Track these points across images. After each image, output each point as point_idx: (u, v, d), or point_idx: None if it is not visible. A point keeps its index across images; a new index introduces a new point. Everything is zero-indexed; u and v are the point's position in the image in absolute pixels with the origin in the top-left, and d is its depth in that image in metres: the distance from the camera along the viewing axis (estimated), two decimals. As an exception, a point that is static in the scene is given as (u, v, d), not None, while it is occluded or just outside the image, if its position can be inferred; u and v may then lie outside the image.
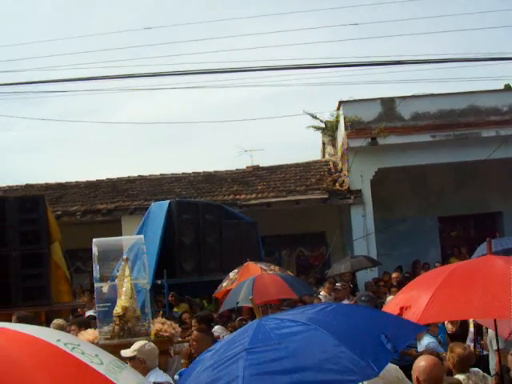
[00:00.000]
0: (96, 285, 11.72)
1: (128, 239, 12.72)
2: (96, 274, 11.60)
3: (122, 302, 10.65)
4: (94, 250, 11.77)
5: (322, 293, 16.40)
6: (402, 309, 6.17)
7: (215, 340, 10.61)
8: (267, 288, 12.47)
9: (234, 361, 4.13)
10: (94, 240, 11.98)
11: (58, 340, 3.51)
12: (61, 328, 11.55)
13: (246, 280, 12.90)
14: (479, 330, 10.95)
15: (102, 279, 11.71)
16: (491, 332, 9.28)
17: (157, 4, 53.79)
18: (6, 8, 54.06)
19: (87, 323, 12.34)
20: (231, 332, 12.42)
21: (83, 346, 3.59)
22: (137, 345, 8.44)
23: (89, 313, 15.50)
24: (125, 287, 10.90)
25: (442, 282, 6.03)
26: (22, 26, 55.85)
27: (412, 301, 6.12)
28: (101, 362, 3.45)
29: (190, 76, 18.99)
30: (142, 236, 13.06)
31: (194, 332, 10.08)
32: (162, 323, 10.48)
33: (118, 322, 10.23)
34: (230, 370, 4.10)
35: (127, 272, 11.00)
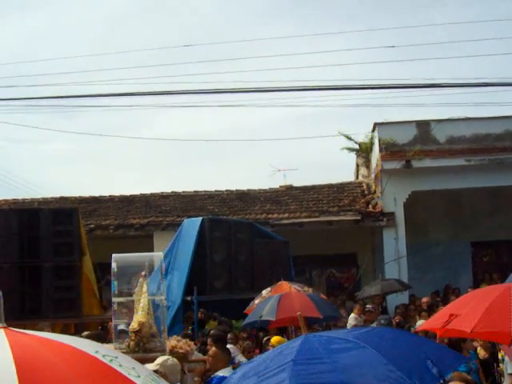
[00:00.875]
0: (114, 299, 11.81)
1: (147, 256, 12.76)
2: (114, 288, 11.69)
3: (138, 317, 10.71)
4: (114, 265, 11.84)
5: (353, 314, 16.31)
6: (451, 316, 6.20)
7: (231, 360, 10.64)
8: (293, 305, 12.39)
9: (281, 370, 4.10)
10: (114, 255, 12.07)
11: (97, 351, 3.55)
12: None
13: (271, 296, 12.90)
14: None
15: (121, 295, 11.81)
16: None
17: (197, 22, 54.15)
18: (49, 23, 54.75)
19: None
20: (242, 352, 12.44)
21: (120, 358, 3.63)
22: (160, 359, 8.46)
23: (120, 326, 15.51)
24: (142, 303, 10.96)
25: (495, 299, 6.09)
26: (66, 41, 56.53)
27: (462, 311, 6.15)
28: (138, 375, 3.48)
29: (228, 94, 19.04)
30: (161, 253, 13.09)
31: (212, 348, 10.08)
32: (178, 340, 10.49)
33: (133, 338, 10.27)
34: (276, 379, 4.07)
35: (144, 288, 11.07)
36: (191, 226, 16.67)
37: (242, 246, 17.60)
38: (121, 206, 25.18)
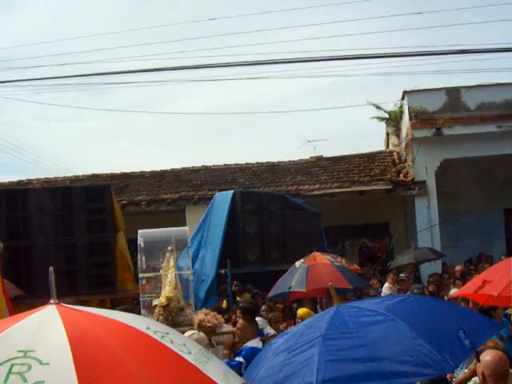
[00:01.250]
0: (141, 275, 11.92)
1: (174, 231, 12.81)
2: (141, 264, 11.80)
3: (166, 292, 10.78)
4: (140, 240, 11.93)
5: (387, 284, 16.32)
6: (484, 282, 6.20)
7: (260, 331, 10.68)
8: (322, 276, 12.39)
9: (310, 346, 4.11)
10: (140, 231, 12.17)
11: (148, 328, 3.57)
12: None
13: (298, 267, 12.88)
14: None
15: (150, 270, 11.93)
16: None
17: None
18: (73, 2, 54.81)
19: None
20: (269, 324, 12.45)
21: (171, 334, 3.65)
22: (185, 334, 8.54)
23: (155, 302, 15.63)
24: (169, 277, 11.03)
25: None
26: (90, 19, 56.59)
27: (494, 277, 6.16)
28: (189, 351, 3.51)
29: (254, 67, 19.00)
30: (187, 228, 13.12)
31: (240, 321, 10.10)
32: (206, 314, 10.53)
33: (161, 312, 10.34)
34: (306, 355, 4.08)
35: (172, 263, 11.14)
36: (223, 199, 16.71)
37: (274, 218, 17.62)
38: (152, 181, 25.30)
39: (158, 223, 22.90)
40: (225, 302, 15.18)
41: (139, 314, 12.35)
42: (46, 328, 3.35)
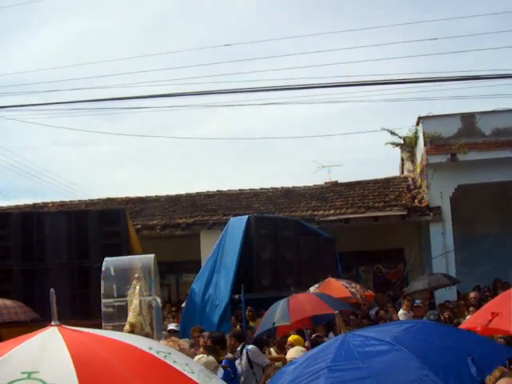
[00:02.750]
0: (104, 301, 12.05)
1: (140, 258, 13.02)
2: (103, 290, 11.99)
3: (129, 318, 10.92)
4: (103, 267, 12.19)
5: (401, 310, 16.24)
6: (493, 314, 6.14)
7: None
8: (303, 305, 12.37)
9: (315, 378, 4.07)
10: (106, 259, 12.44)
11: (150, 348, 3.59)
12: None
13: (279, 301, 12.87)
14: None
15: (112, 296, 12.18)
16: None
17: (236, 21, 54.27)
18: (91, 27, 55.27)
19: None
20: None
21: (174, 354, 3.68)
22: (195, 358, 8.60)
23: (170, 326, 15.63)
24: (133, 304, 11.18)
25: None
26: (108, 44, 57.05)
27: (503, 309, 6.08)
28: (192, 370, 3.52)
29: (270, 92, 19.07)
30: (152, 255, 13.22)
31: (200, 349, 10.18)
32: (168, 341, 10.63)
33: None
34: None
35: (137, 289, 11.29)
36: (237, 224, 16.73)
37: (288, 244, 17.62)
38: (167, 205, 25.37)
39: (173, 247, 23.11)
40: (238, 326, 15.15)
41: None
42: (48, 349, 3.36)
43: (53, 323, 3.66)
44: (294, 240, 17.89)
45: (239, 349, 12.17)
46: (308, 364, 4.34)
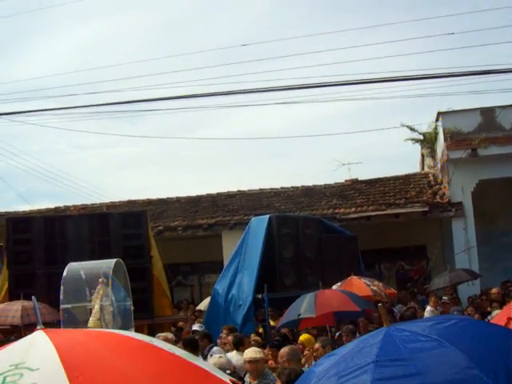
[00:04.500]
0: (62, 306, 12.16)
1: (104, 263, 13.12)
2: (62, 295, 12.10)
3: (89, 323, 11.10)
4: (65, 273, 12.35)
5: (429, 307, 16.18)
6: (509, 319, 6.07)
7: None
8: (330, 301, 12.48)
9: (362, 372, 4.01)
10: (70, 264, 12.60)
11: (132, 336, 3.74)
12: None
13: (306, 295, 12.92)
14: None
15: (71, 301, 12.36)
16: None
17: (253, 21, 54.31)
18: (108, 30, 55.50)
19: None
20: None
21: (156, 341, 3.84)
22: (213, 359, 8.67)
23: (194, 327, 15.69)
24: (95, 309, 11.34)
25: None
26: (126, 46, 57.25)
27: None
28: (176, 351, 3.72)
29: (287, 91, 19.06)
30: (113, 260, 13.29)
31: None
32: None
33: None
34: (358, 381, 4.02)
35: (100, 294, 11.45)
36: (259, 224, 16.75)
37: (310, 242, 17.62)
38: (188, 206, 25.42)
39: (195, 248, 23.16)
40: (261, 328, 15.17)
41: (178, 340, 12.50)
42: (35, 345, 3.52)
43: (38, 327, 3.76)
44: (316, 239, 17.90)
45: (207, 349, 12.27)
46: (352, 357, 4.28)
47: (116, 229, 16.78)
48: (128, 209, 24.83)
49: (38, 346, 3.49)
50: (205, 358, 11.28)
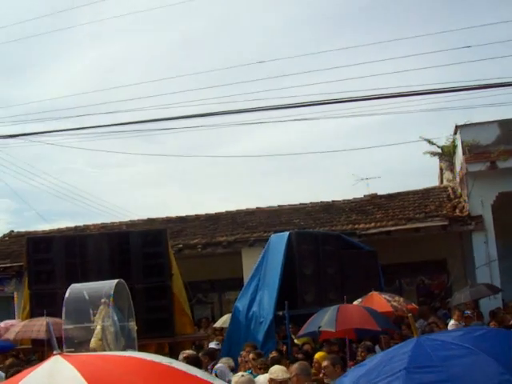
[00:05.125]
0: (64, 327, 12.23)
1: (104, 284, 13.20)
2: (63, 316, 12.20)
3: (91, 344, 11.20)
4: (67, 294, 12.47)
5: (453, 321, 16.12)
6: None
7: None
8: (352, 316, 12.47)
9: (393, 379, 4.01)
10: (72, 285, 12.67)
11: (153, 359, 3.73)
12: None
13: (329, 307, 12.92)
14: None
15: (73, 321, 12.47)
16: None
17: (268, 38, 54.49)
18: (125, 50, 55.83)
19: (198, 362, 12.60)
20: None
21: (175, 363, 3.86)
22: (235, 377, 8.67)
23: (211, 345, 15.68)
24: (97, 329, 11.43)
25: None
26: (141, 66, 57.58)
27: None
28: (196, 373, 3.73)
29: (305, 108, 19.06)
30: (115, 281, 13.34)
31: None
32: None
33: None
34: None
35: (102, 315, 11.55)
36: (279, 240, 16.74)
37: (330, 258, 17.60)
38: (207, 224, 25.43)
39: (215, 266, 23.16)
40: (282, 344, 15.12)
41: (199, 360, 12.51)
42: (56, 373, 3.48)
43: (55, 352, 3.73)
44: (336, 254, 17.87)
45: (209, 367, 12.25)
46: (383, 365, 4.28)
47: (136, 247, 16.84)
48: (148, 227, 24.88)
49: (64, 374, 3.45)
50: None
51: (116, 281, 13.22)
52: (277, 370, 9.47)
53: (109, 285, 12.97)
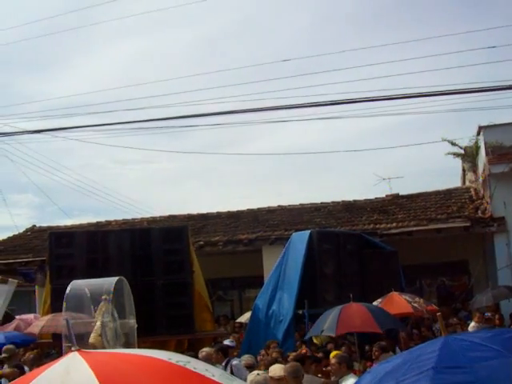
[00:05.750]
0: (64, 322, 12.34)
1: (107, 280, 13.28)
2: (64, 311, 12.31)
3: (90, 339, 11.35)
4: (68, 289, 12.55)
5: (473, 323, 16.05)
6: None
7: None
8: (353, 319, 12.43)
9: (421, 377, 3.97)
10: (74, 281, 12.80)
11: (170, 358, 3.75)
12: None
13: (333, 308, 12.91)
14: None
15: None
16: None
17: (294, 36, 54.44)
18: (148, 47, 55.99)
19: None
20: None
21: (193, 362, 3.85)
22: (251, 376, 8.68)
23: (225, 342, 15.67)
24: (96, 325, 11.54)
25: None
26: (167, 62, 57.67)
27: None
28: (212, 374, 3.68)
29: (329, 107, 19.01)
30: (115, 279, 13.40)
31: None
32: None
33: None
34: None
35: (102, 311, 11.67)
36: (300, 239, 16.73)
37: (351, 258, 17.57)
38: (228, 221, 25.44)
39: (235, 263, 23.17)
40: (304, 347, 15.08)
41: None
42: (72, 370, 3.55)
43: (73, 348, 3.80)
44: (357, 254, 17.85)
45: (224, 363, 12.24)
46: (410, 363, 4.25)
47: (157, 244, 16.87)
48: (169, 224, 24.94)
49: (78, 373, 3.51)
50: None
51: (116, 278, 13.31)
52: (275, 368, 9.48)
53: (109, 281, 13.06)
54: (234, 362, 12.30)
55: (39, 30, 55.05)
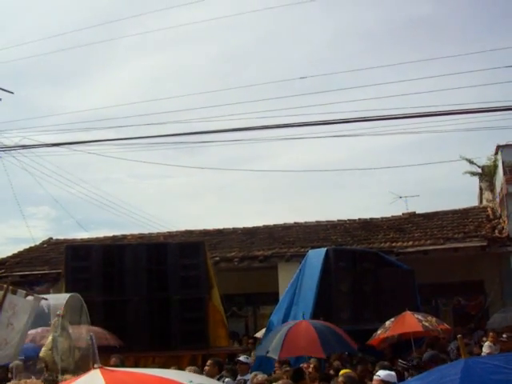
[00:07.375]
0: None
1: (65, 296, 13.53)
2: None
3: (40, 353, 11.57)
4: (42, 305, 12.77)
5: (488, 343, 15.96)
6: None
7: None
8: (297, 341, 12.29)
9: None
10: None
11: (191, 381, 3.77)
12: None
13: (282, 326, 12.85)
14: None
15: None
16: None
17: (311, 53, 54.55)
18: (172, 62, 56.24)
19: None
20: None
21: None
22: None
23: (240, 358, 15.61)
24: (48, 340, 11.73)
25: None
26: (184, 79, 57.91)
27: None
28: None
29: (345, 124, 19.00)
30: (69, 294, 13.64)
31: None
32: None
33: (46, 375, 11.17)
34: None
35: (55, 326, 11.85)
36: (316, 256, 16.71)
37: (367, 276, 17.53)
38: (244, 238, 25.45)
39: (250, 280, 23.13)
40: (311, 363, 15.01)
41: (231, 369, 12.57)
42: None
43: (95, 366, 3.85)
44: (373, 272, 17.79)
45: (216, 378, 12.22)
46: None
47: (173, 259, 16.90)
48: (185, 239, 24.97)
49: None
50: None
51: (69, 294, 13.60)
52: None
53: (63, 297, 13.33)
54: (226, 379, 12.30)
55: (61, 44, 55.37)
